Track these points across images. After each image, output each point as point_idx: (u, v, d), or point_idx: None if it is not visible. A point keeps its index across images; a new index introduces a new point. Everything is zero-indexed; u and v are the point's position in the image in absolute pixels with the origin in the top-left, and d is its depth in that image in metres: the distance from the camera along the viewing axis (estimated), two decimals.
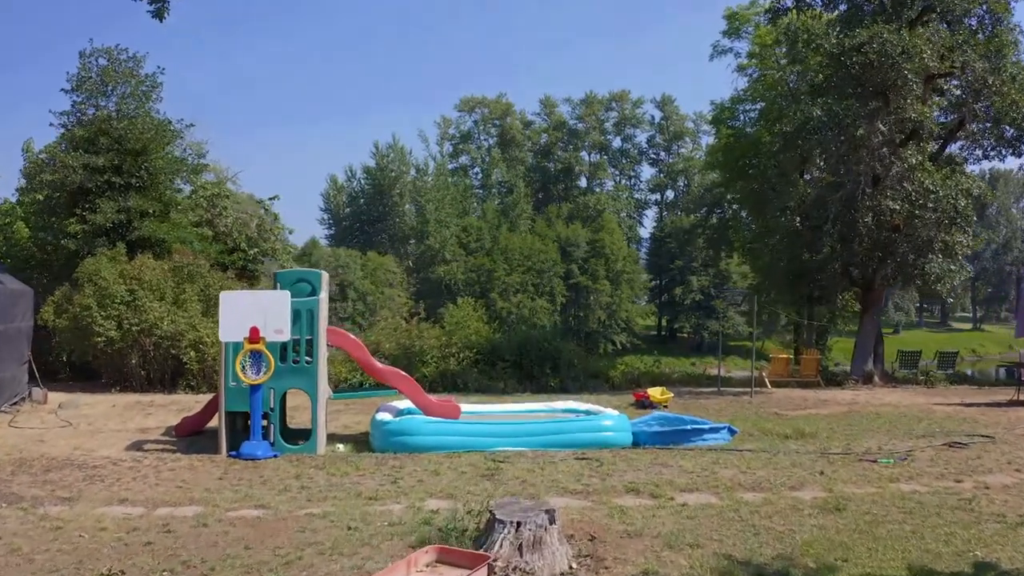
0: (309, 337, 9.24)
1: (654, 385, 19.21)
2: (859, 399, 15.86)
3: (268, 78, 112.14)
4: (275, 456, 8.64)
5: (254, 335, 8.59)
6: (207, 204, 23.25)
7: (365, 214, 59.82)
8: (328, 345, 9.69)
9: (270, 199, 25.47)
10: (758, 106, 30.91)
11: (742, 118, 32.21)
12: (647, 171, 70.89)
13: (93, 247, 18.11)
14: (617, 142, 69.71)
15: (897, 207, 17.83)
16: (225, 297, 8.92)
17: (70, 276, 17.28)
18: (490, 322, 23.71)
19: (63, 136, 19.85)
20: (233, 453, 8.63)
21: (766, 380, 18.51)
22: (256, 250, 23.73)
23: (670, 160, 68.77)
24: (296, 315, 9.13)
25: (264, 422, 9.05)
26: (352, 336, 10.10)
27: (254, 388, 8.71)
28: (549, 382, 18.23)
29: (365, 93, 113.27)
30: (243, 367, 8.60)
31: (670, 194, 70.64)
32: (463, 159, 68.40)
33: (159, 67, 21.73)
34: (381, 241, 56.93)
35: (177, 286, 16.94)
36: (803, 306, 27.16)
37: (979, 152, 20.99)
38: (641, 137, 69.83)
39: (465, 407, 10.55)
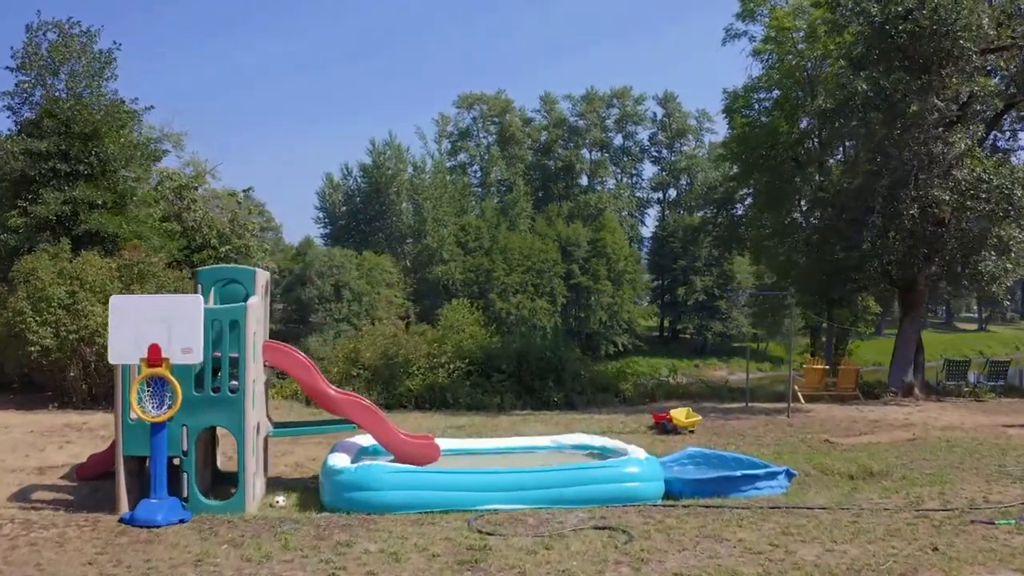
0: (236, 355, 6.94)
1: (671, 399, 17.08)
2: (913, 419, 13.62)
3: (266, 77, 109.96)
4: (182, 521, 6.31)
5: (154, 356, 6.29)
6: (173, 196, 21.10)
7: (361, 213, 57.61)
8: (265, 365, 7.45)
9: (244, 191, 23.34)
10: (774, 94, 28.71)
11: (756, 107, 29.92)
12: (649, 169, 68.80)
13: (35, 243, 16.01)
14: (618, 139, 67.58)
15: (947, 198, 15.66)
16: (116, 304, 6.47)
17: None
18: (488, 324, 21.51)
19: (24, 128, 17.77)
20: (126, 516, 6.31)
21: (799, 395, 16.23)
22: (228, 247, 21.63)
23: (672, 158, 66.52)
24: (216, 327, 6.85)
25: (176, 460, 6.78)
26: (298, 353, 7.74)
27: (156, 427, 6.41)
28: (552, 397, 16.04)
29: (364, 92, 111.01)
30: (140, 399, 6.31)
31: (672, 192, 68.44)
32: (461, 157, 66.21)
33: (115, 42, 19.59)
34: (378, 240, 54.74)
35: (125, 287, 14.74)
36: (821, 308, 24.93)
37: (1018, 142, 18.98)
38: (643, 134, 67.67)
39: (447, 444, 8.27)
